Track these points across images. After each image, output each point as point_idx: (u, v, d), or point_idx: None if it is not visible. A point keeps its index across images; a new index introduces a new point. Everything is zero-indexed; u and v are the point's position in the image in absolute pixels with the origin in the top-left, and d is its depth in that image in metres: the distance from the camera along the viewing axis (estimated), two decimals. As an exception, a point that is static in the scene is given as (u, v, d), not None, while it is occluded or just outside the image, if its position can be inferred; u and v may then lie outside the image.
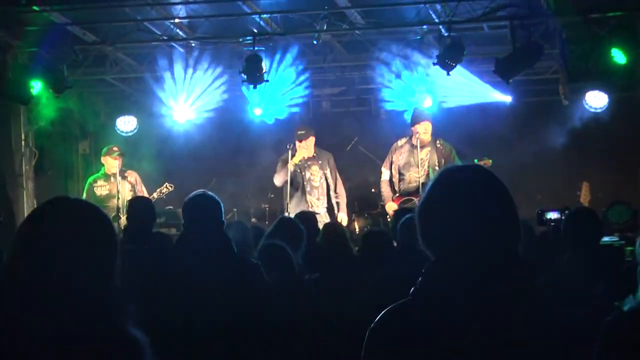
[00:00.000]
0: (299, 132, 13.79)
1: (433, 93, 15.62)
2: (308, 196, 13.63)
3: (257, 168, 17.92)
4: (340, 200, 13.91)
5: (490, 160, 14.39)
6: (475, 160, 13.05)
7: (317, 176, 13.76)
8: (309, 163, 13.76)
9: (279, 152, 14.80)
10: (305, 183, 13.69)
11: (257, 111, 15.98)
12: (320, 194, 13.77)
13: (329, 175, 13.83)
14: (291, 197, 13.78)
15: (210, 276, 6.02)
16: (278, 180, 13.86)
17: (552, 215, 9.53)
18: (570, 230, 6.87)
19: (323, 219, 13.32)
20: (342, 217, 13.79)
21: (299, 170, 13.68)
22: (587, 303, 2.96)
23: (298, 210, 13.07)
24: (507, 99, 16.82)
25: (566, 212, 8.03)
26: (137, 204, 9.39)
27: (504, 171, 14.28)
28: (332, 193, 13.80)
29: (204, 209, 6.35)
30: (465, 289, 2.81)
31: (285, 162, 13.67)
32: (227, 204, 15.58)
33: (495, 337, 2.75)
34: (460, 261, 2.85)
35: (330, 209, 13.83)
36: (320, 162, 13.82)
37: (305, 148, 13.68)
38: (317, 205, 13.67)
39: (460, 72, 14.16)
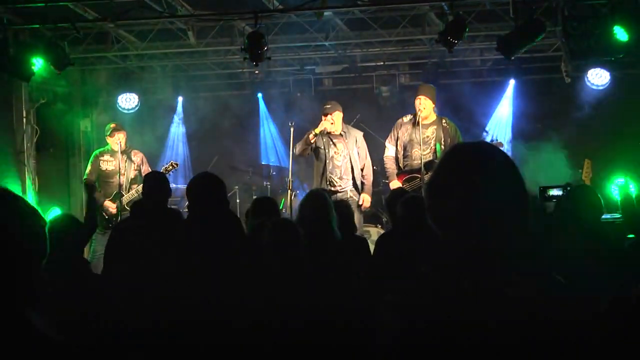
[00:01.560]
0: (325, 106, 13.64)
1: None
2: (329, 174, 13.46)
3: (259, 146, 17.98)
4: (365, 181, 13.60)
5: (502, 142, 14.43)
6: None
7: (341, 155, 13.54)
8: (334, 140, 13.54)
9: (281, 130, 14.79)
10: (328, 160, 13.50)
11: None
12: (342, 173, 13.49)
13: (355, 154, 13.61)
14: (316, 172, 13.71)
15: (215, 255, 6.02)
16: (296, 148, 13.75)
17: (554, 192, 9.54)
18: (571, 207, 6.87)
19: (348, 197, 13.21)
20: (365, 198, 13.51)
21: (322, 147, 13.51)
22: (590, 279, 2.94)
23: (321, 186, 13.06)
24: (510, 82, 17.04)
25: (568, 189, 8.03)
26: (151, 180, 9.36)
27: (506, 149, 14.33)
28: (357, 172, 13.58)
29: (208, 190, 6.34)
30: (477, 264, 2.80)
31: (310, 134, 13.55)
32: (229, 182, 15.74)
33: (508, 313, 2.75)
34: (472, 238, 2.84)
35: (355, 187, 13.59)
36: (347, 140, 13.57)
37: (331, 122, 13.49)
38: (339, 184, 13.46)
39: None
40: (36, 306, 2.99)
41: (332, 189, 13.20)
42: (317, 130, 13.37)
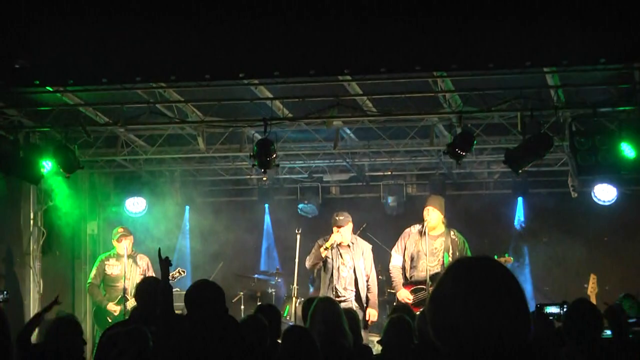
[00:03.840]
0: (337, 218, 13.55)
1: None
2: (336, 284, 13.37)
3: (264, 253, 17.97)
4: (370, 295, 13.53)
5: (512, 258, 14.35)
6: (495, 257, 12.94)
7: (347, 266, 13.46)
8: (342, 251, 13.48)
9: (285, 236, 14.81)
10: (334, 270, 13.42)
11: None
12: (347, 284, 13.38)
13: (360, 265, 13.53)
14: (322, 281, 13.59)
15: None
16: (308, 262, 13.69)
17: (551, 309, 9.46)
18: (570, 324, 6.83)
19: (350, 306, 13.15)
20: (371, 313, 13.43)
21: (330, 257, 13.44)
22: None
23: (327, 294, 12.95)
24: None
25: (565, 306, 8.01)
26: (144, 286, 9.34)
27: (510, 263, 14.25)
28: (361, 285, 13.44)
29: (206, 298, 6.31)
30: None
31: (320, 246, 13.49)
32: (234, 287, 15.69)
33: None
34: (473, 355, 2.81)
35: (358, 299, 13.48)
36: (354, 251, 13.51)
37: (341, 235, 13.45)
38: (344, 294, 13.38)
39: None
40: None
41: (337, 298, 13.14)
42: (327, 245, 13.34)
